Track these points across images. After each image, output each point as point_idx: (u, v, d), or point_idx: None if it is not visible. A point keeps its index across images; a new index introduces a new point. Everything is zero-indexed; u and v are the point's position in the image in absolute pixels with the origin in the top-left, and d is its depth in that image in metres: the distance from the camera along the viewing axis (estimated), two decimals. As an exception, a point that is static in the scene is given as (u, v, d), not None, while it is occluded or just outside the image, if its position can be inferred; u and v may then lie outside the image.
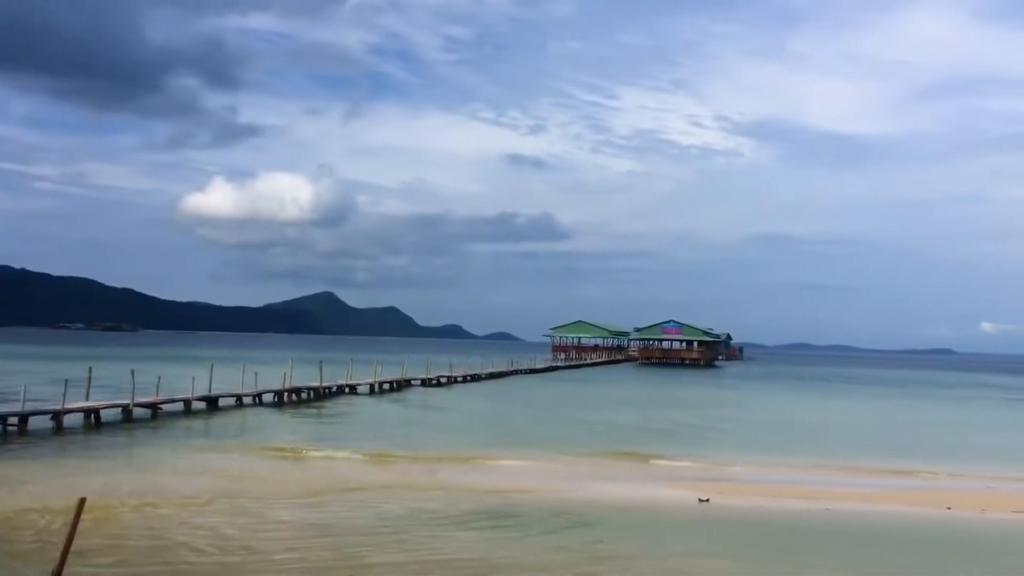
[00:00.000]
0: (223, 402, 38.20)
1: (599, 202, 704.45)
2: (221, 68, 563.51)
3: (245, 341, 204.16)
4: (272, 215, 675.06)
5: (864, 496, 21.49)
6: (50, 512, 15.40)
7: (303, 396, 44.30)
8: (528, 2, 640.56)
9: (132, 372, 32.96)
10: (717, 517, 17.80)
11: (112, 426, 30.27)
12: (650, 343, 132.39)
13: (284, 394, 42.15)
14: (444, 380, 64.63)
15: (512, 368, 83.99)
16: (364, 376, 53.93)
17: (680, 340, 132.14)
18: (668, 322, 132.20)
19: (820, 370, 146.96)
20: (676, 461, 26.89)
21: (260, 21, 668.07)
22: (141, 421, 31.79)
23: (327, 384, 47.92)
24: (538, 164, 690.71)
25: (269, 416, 36.75)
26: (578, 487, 21.09)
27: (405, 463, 24.67)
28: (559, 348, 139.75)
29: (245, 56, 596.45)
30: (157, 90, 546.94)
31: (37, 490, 17.97)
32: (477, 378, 70.77)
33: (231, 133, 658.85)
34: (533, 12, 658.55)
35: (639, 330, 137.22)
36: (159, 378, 35.46)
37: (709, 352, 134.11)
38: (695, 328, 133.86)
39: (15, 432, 27.32)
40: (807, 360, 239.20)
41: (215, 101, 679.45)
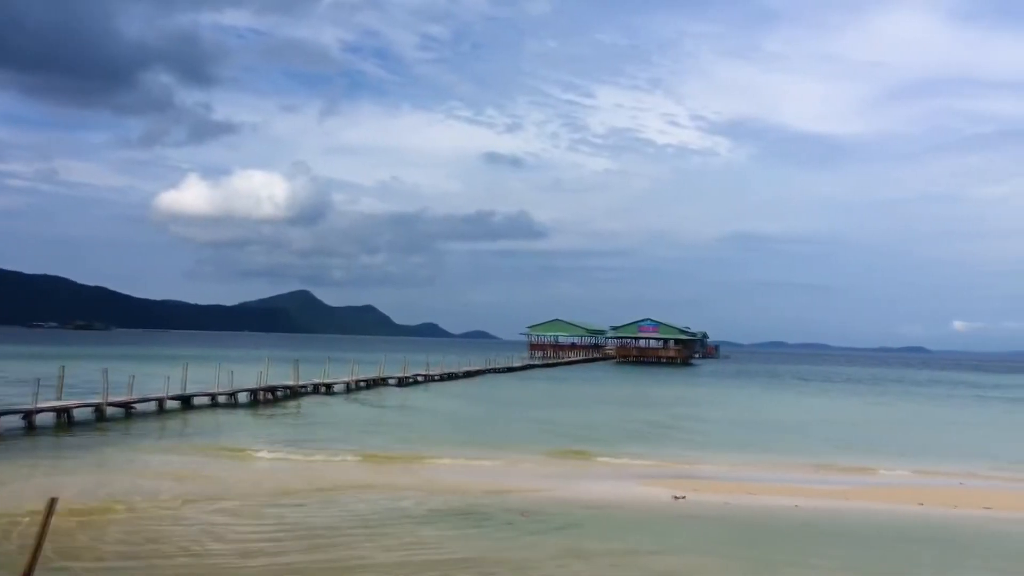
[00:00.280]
0: (197, 401, 37.93)
1: (576, 200, 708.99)
2: (196, 64, 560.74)
3: (220, 340, 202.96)
4: (247, 213, 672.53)
5: (835, 493, 21.72)
6: (20, 513, 15.22)
7: (278, 395, 44.09)
8: (505, 1, 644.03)
9: (105, 371, 32.64)
10: (691, 514, 17.95)
11: (85, 426, 29.96)
12: (627, 341, 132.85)
13: (259, 393, 41.90)
14: (420, 379, 64.63)
15: (489, 367, 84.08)
16: (340, 375, 53.74)
17: (657, 339, 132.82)
18: (645, 320, 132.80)
19: (794, 368, 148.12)
20: (619, 459, 26.62)
21: (235, 17, 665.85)
22: (114, 421, 31.49)
23: (303, 383, 47.73)
24: (515, 162, 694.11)
25: (244, 416, 36.51)
26: (552, 485, 21.18)
27: (380, 463, 24.66)
28: (536, 346, 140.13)
29: (220, 52, 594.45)
30: (131, 87, 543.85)
31: (7, 491, 17.77)
32: (454, 377, 70.79)
33: (206, 130, 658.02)
34: (510, 11, 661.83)
35: (616, 328, 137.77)
36: (132, 377, 35.15)
37: (685, 351, 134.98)
38: (671, 327, 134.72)
39: (-15, 432, 26.91)
40: (782, 358, 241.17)
41: (189, 98, 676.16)
